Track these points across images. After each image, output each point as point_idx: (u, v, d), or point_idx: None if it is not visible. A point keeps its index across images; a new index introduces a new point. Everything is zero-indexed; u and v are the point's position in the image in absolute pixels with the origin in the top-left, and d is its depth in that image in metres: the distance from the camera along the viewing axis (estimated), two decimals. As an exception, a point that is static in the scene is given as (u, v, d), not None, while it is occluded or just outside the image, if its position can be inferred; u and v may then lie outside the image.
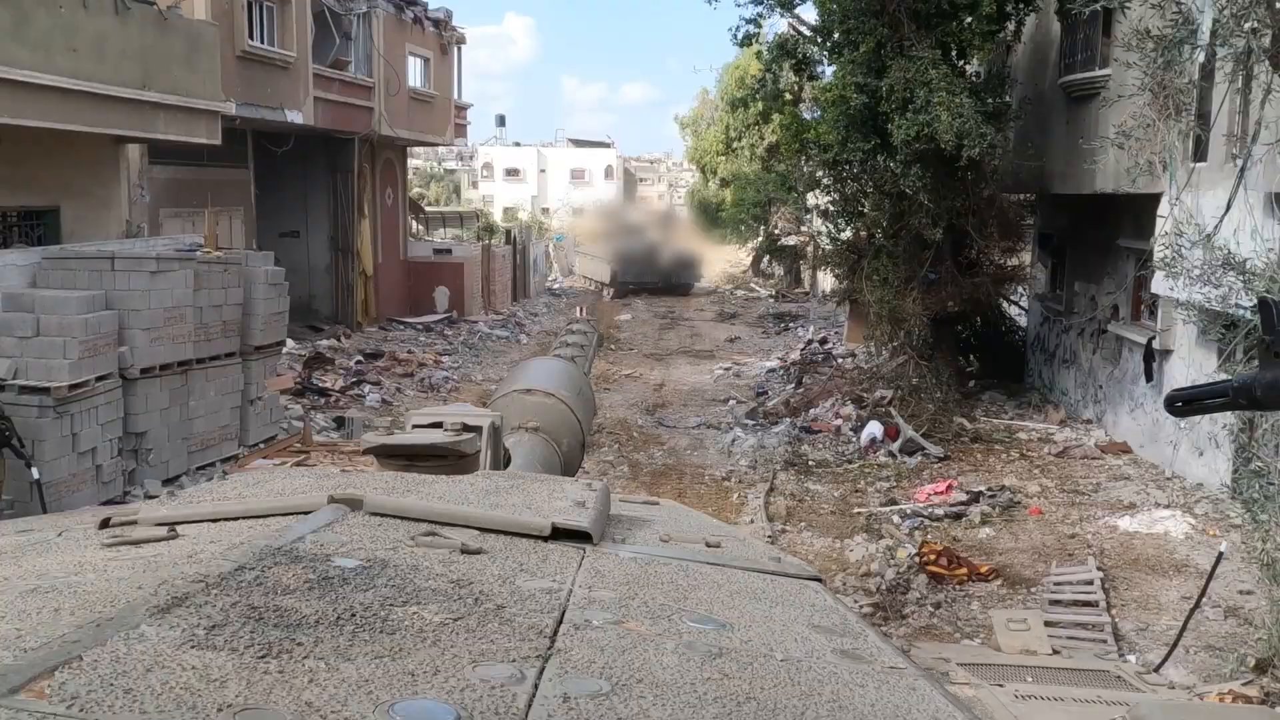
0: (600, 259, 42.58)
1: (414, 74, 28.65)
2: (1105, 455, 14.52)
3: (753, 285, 45.21)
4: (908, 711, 1.18)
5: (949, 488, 12.61)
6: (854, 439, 15.22)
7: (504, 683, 1.01)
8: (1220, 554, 7.76)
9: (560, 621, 1.24)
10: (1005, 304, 19.55)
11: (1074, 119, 14.84)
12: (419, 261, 30.89)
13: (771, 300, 39.91)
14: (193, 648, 1.00)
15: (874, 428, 14.94)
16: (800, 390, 19.03)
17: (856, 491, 13.19)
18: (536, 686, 1.02)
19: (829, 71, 16.67)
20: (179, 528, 1.61)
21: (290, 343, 23.36)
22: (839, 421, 15.74)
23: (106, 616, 1.08)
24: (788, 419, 16.84)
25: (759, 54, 16.83)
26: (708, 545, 1.88)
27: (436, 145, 32.62)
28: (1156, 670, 6.44)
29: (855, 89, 13.54)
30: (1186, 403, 2.25)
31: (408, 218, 31.21)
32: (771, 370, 22.58)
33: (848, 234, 17.65)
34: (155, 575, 1.24)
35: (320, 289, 26.95)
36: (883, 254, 15.88)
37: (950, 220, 14.44)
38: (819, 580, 1.86)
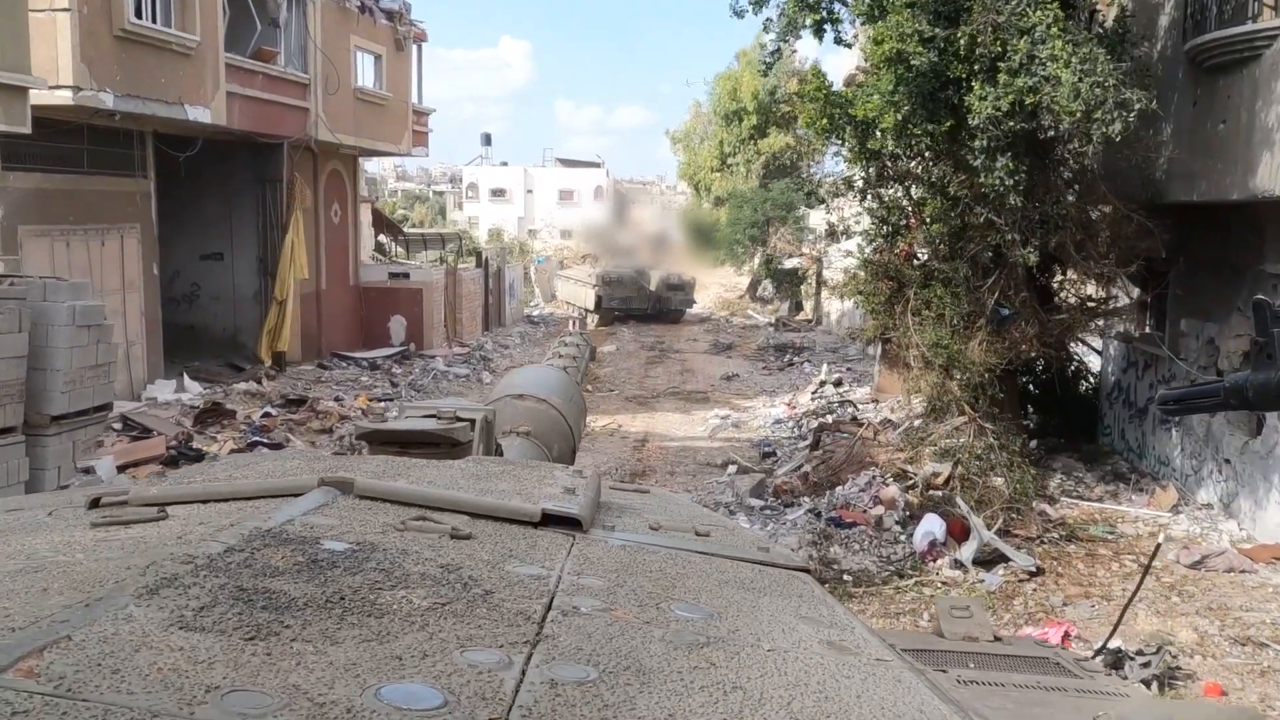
0: (584, 283, 38.16)
1: (362, 72, 24.38)
2: (1257, 566, 10.15)
3: (750, 312, 40.83)
4: (894, 703, 1.16)
5: (1065, 637, 8.21)
6: (902, 536, 10.83)
7: (491, 668, 1.00)
8: (1159, 545, 7.28)
9: (549, 608, 1.21)
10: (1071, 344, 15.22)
11: (1207, 97, 10.52)
12: (373, 287, 26.54)
13: (771, 329, 35.52)
14: (180, 629, 0.98)
15: (932, 524, 10.53)
16: (819, 454, 14.65)
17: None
18: (524, 672, 1.00)
19: (859, 42, 12.32)
20: (169, 508, 1.57)
21: (196, 387, 18.98)
22: (879, 509, 11.34)
23: (95, 597, 1.06)
24: (806, 499, 12.45)
25: (766, 24, 12.47)
26: (697, 534, 1.84)
27: (390, 155, 28.26)
28: (1095, 656, 5.83)
29: (918, 41, 9.18)
30: (1178, 402, 2.08)
31: (359, 237, 26.85)
32: (779, 421, 18.20)
33: (868, 254, 13.24)
34: (144, 556, 1.23)
35: (247, 320, 22.59)
36: (936, 282, 11.53)
37: (1045, 235, 10.11)
38: (807, 571, 1.78)
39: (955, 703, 1.27)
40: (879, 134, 10.19)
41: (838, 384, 20.58)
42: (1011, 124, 8.96)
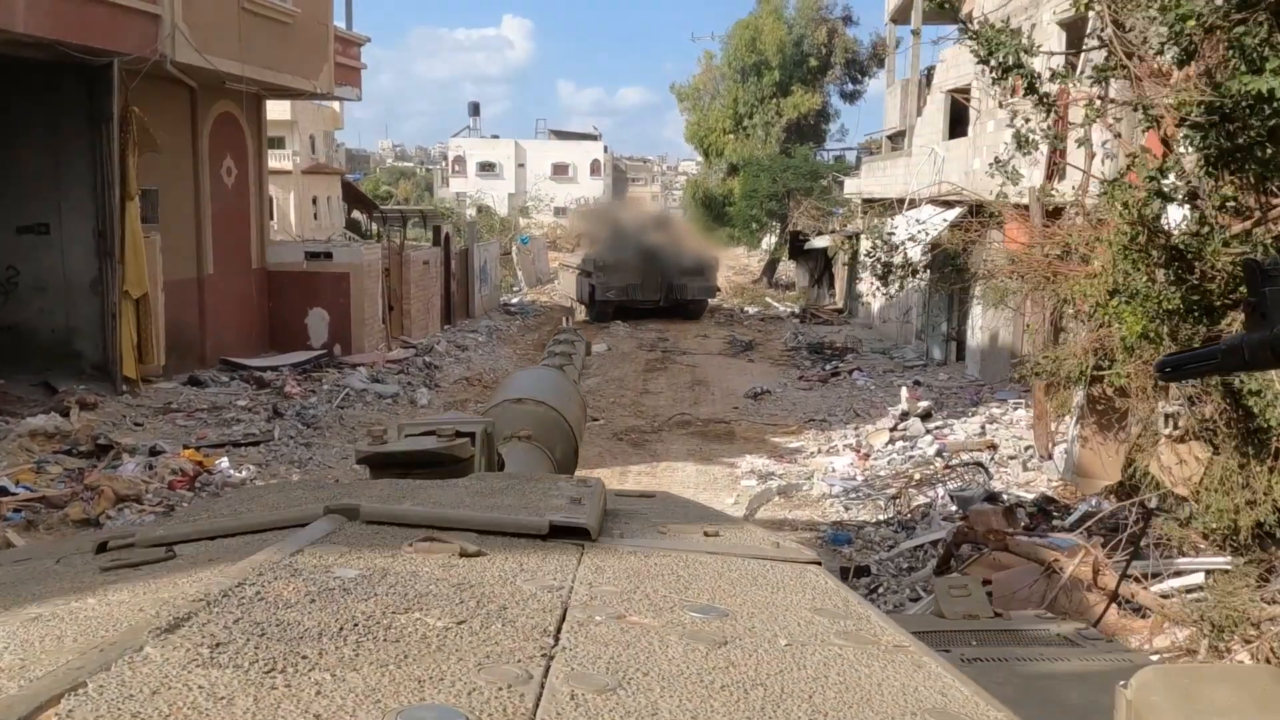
0: (573, 269, 30.98)
1: (255, -25, 17.31)
2: None
3: (769, 299, 33.80)
4: (915, 689, 1.12)
5: None
6: None
7: (511, 683, 0.97)
8: (1150, 510, 6.87)
9: (563, 619, 1.18)
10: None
11: None
12: (284, 272, 19.59)
13: (797, 321, 28.56)
14: (198, 667, 0.95)
15: None
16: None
17: None
18: (543, 685, 0.98)
19: None
20: (176, 547, 1.52)
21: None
22: None
23: (109, 641, 1.02)
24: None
25: None
26: (706, 534, 1.78)
27: (301, 95, 21.00)
28: (1094, 626, 5.02)
29: None
30: (1176, 367, 1.89)
31: (264, 205, 19.86)
32: (850, 486, 11.26)
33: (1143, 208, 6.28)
34: (155, 596, 1.21)
35: (84, 318, 15.64)
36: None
37: None
38: (818, 563, 1.69)
39: (975, 684, 1.20)
40: None
41: (926, 416, 13.63)
42: None
